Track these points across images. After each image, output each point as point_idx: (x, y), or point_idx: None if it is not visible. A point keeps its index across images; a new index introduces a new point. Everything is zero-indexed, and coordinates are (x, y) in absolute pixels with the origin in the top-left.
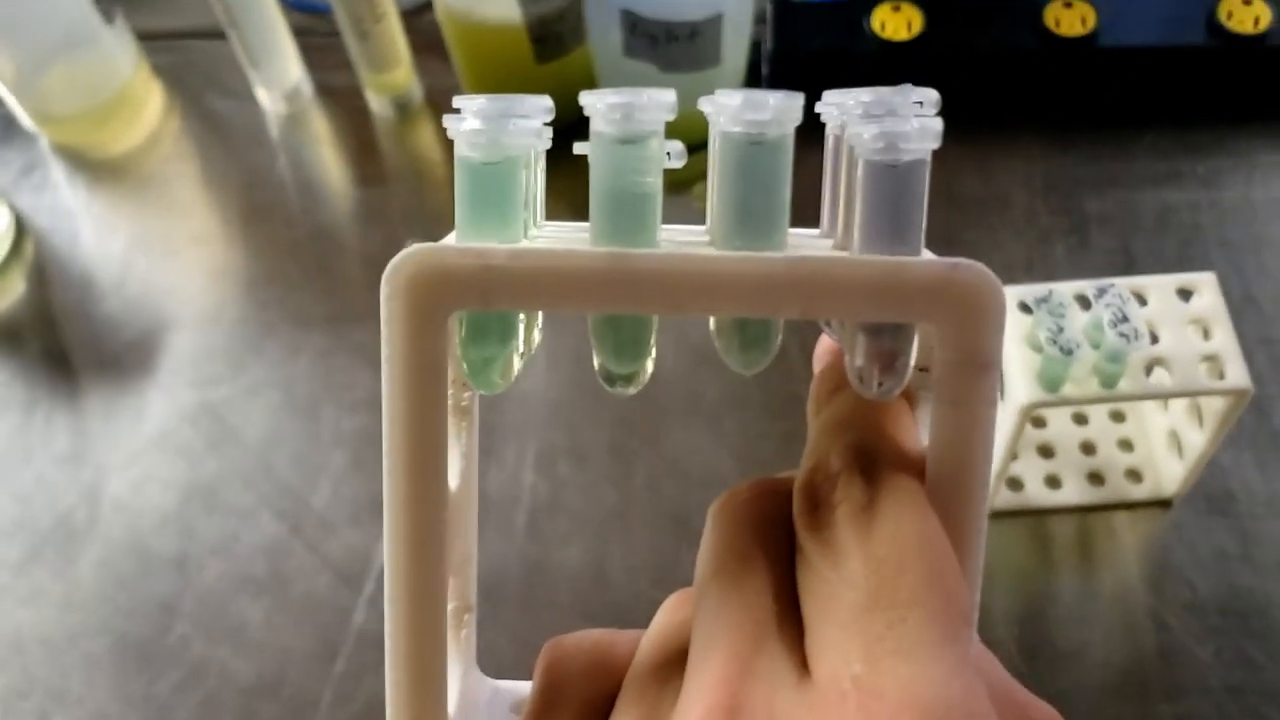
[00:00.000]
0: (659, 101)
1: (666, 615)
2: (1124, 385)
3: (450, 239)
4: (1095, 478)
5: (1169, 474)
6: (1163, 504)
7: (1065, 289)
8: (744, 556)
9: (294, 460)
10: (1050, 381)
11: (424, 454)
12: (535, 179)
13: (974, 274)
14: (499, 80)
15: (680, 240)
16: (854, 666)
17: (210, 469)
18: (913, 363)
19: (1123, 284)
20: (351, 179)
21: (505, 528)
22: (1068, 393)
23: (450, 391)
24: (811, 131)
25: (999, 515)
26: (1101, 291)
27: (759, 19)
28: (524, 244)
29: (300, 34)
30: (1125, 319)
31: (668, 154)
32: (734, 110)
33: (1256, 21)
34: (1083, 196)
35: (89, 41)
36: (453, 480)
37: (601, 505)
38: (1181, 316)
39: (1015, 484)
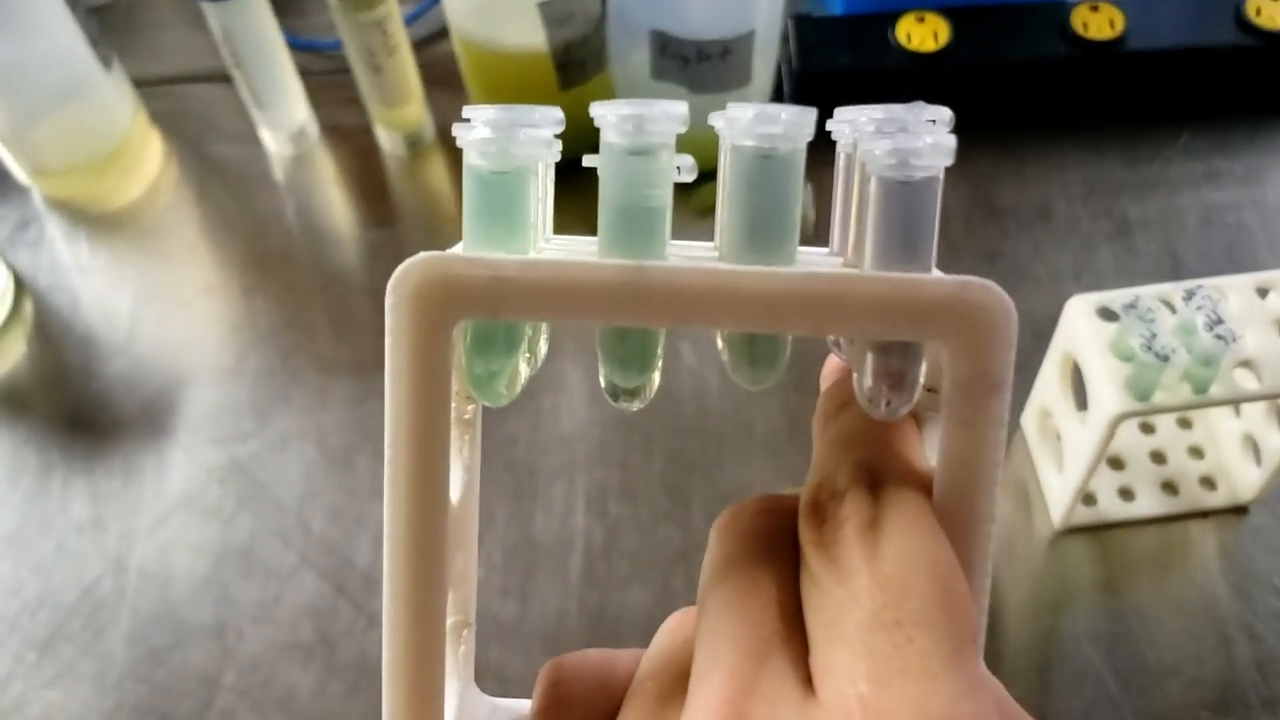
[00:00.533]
0: (670, 113)
1: (668, 633)
2: (1215, 389)
3: (458, 249)
4: (1169, 487)
5: (1245, 479)
6: (1238, 510)
7: (1149, 292)
8: (748, 573)
9: (332, 515)
10: (1141, 390)
11: (427, 466)
12: (545, 190)
13: (984, 293)
14: None
15: (689, 255)
16: (860, 686)
17: (243, 529)
18: (921, 381)
19: (1210, 285)
20: (364, 219)
21: (560, 574)
22: (1159, 400)
23: (453, 404)
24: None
25: (1075, 531)
26: (1190, 294)
27: (782, 38)
28: (533, 255)
29: (303, 74)
30: (1220, 320)
31: (678, 168)
32: (746, 124)
33: None
34: (1123, 201)
35: (86, 89)
36: (454, 493)
37: (661, 545)
38: (1264, 316)
39: (1089, 499)
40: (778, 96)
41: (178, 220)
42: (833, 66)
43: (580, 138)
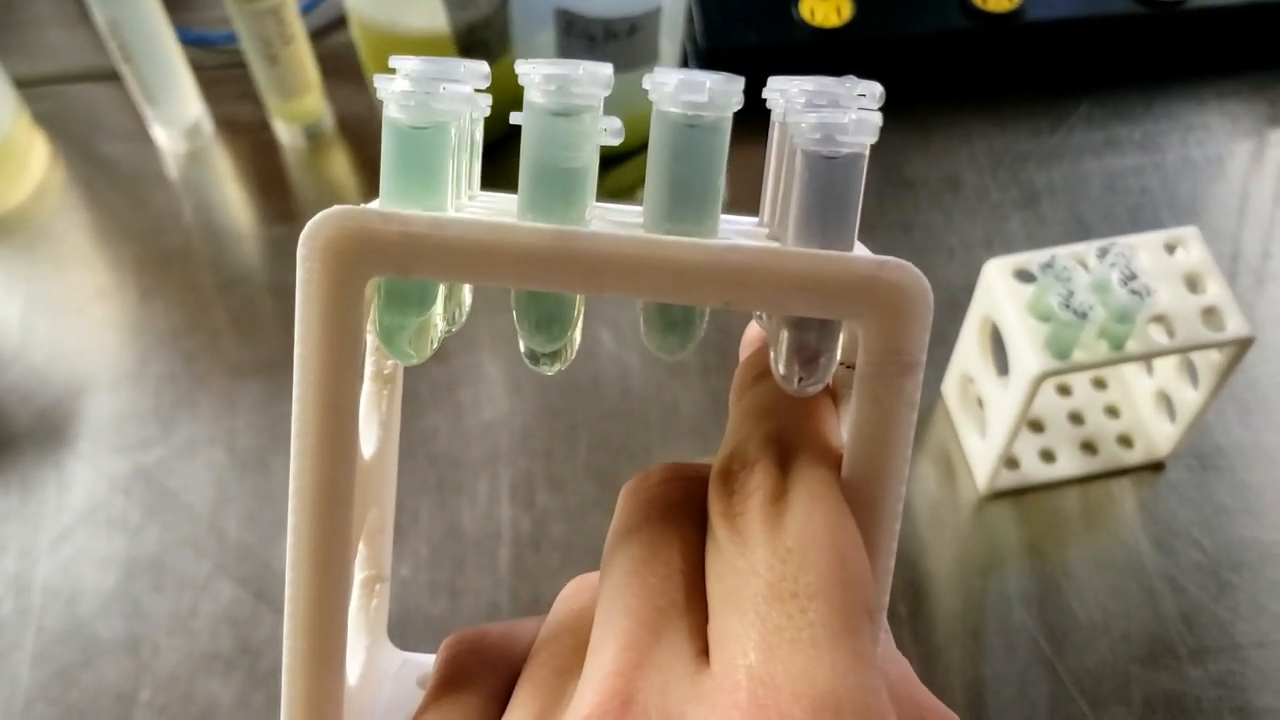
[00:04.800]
0: (595, 75)
1: (566, 600)
2: (1132, 345)
3: (375, 204)
4: (1088, 447)
5: (1160, 435)
6: (1156, 466)
7: (1065, 252)
8: (650, 540)
9: (247, 520)
10: (1061, 348)
11: (334, 418)
12: (473, 144)
13: (901, 273)
14: None
15: (613, 220)
16: (750, 656)
17: (152, 540)
18: (837, 360)
19: (1122, 243)
20: (264, 215)
21: (488, 566)
22: (1079, 358)
23: (372, 359)
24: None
25: (1000, 496)
26: (1104, 251)
27: (686, 15)
28: (449, 213)
29: (194, 69)
30: (1134, 275)
31: (604, 130)
32: (670, 91)
33: None
34: (1029, 170)
35: None
36: (368, 447)
37: (591, 533)
38: (1173, 272)
39: (1011, 463)
40: None
41: (67, 224)
42: (738, 43)
43: (487, 121)
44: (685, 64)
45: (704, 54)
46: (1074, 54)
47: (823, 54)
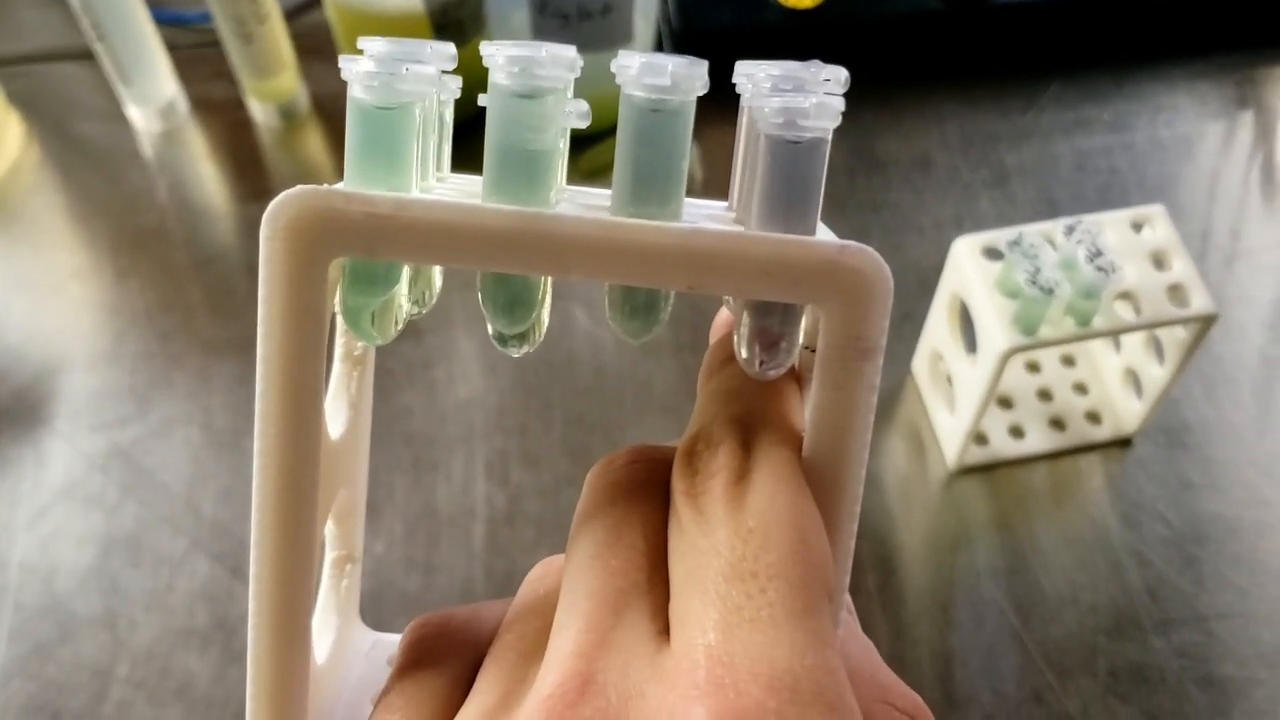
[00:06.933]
0: (559, 58)
1: (532, 584)
2: (1098, 321)
3: (340, 185)
4: (1056, 424)
5: (1127, 412)
6: (1123, 443)
7: (1032, 230)
8: (613, 523)
9: (223, 497)
10: (1028, 325)
11: (297, 399)
12: (439, 128)
13: (861, 258)
14: None
15: (581, 203)
16: (709, 635)
17: (129, 517)
18: (799, 344)
19: (1089, 220)
20: (239, 194)
21: (463, 541)
22: (1045, 334)
23: (342, 340)
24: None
25: (969, 471)
26: (1071, 229)
27: None
28: (413, 194)
29: (169, 48)
30: (1100, 253)
31: (570, 112)
32: (633, 74)
33: None
34: (1000, 150)
35: None
36: (337, 428)
37: (566, 509)
38: (1139, 249)
39: (981, 439)
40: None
41: (43, 204)
42: (712, 24)
43: (460, 101)
44: (660, 44)
45: (678, 34)
46: (1044, 35)
47: (796, 35)
